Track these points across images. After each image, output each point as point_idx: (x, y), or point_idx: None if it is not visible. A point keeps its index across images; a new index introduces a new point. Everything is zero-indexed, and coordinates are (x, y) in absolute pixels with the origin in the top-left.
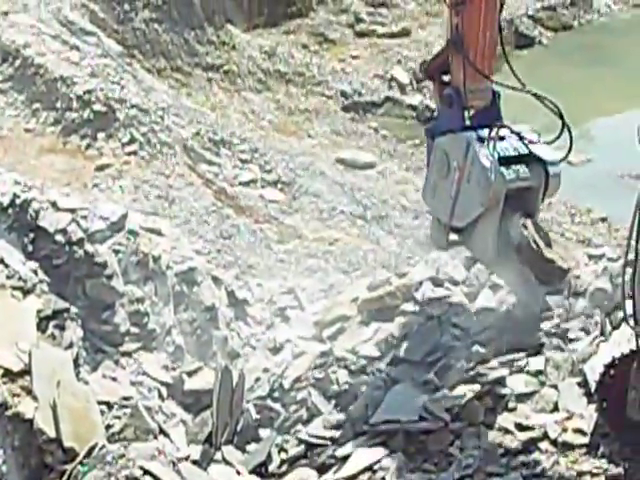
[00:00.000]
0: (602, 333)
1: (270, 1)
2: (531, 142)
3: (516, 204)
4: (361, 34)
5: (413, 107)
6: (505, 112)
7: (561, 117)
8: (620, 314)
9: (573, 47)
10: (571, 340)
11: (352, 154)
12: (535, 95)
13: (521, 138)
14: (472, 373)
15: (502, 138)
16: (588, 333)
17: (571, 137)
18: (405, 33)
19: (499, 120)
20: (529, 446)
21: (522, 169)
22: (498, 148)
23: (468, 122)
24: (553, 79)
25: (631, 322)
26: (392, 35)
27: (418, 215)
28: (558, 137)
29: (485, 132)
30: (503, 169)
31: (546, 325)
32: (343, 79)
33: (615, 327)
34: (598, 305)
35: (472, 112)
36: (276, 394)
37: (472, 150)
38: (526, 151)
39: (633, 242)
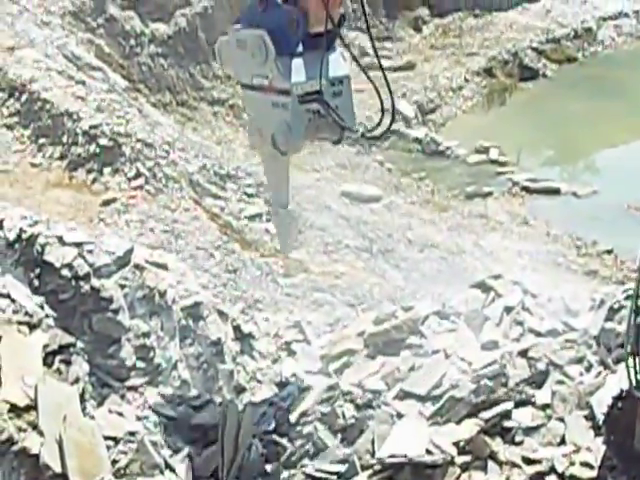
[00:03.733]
0: (605, 366)
1: None
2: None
3: None
4: (366, 68)
5: (418, 140)
6: None
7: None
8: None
9: (577, 79)
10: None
11: (357, 187)
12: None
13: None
14: (479, 407)
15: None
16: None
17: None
18: (410, 66)
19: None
20: None
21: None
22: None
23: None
24: (558, 111)
25: None
26: (397, 68)
27: (423, 248)
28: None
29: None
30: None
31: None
32: None
33: (617, 362)
34: (604, 343)
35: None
36: (282, 428)
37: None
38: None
39: None
